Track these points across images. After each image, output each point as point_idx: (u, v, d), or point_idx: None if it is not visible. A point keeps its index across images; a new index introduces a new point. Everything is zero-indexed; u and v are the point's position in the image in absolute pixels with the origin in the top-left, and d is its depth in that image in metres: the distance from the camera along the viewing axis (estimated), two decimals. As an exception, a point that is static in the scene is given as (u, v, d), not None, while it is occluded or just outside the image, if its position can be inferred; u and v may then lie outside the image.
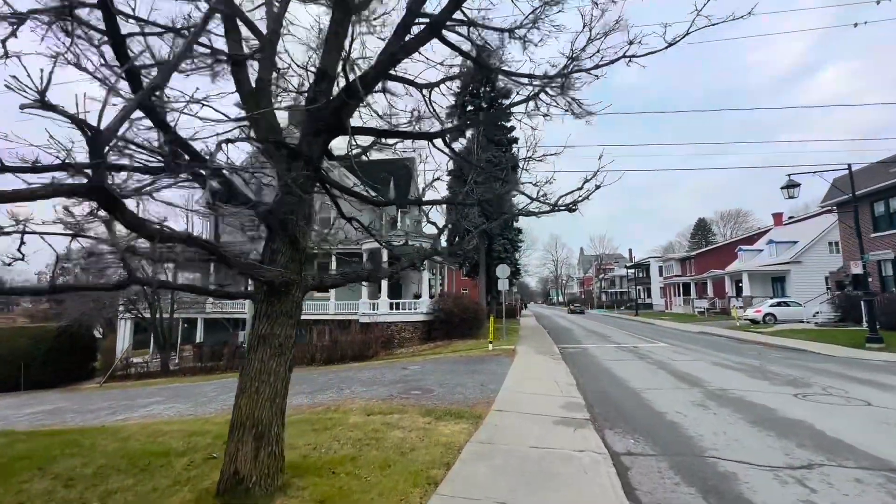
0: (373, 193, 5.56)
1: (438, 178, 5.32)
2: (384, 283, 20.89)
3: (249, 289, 4.01)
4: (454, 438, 5.36)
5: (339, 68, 4.19)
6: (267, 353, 3.55)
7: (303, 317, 15.99)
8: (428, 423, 6.10)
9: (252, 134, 4.02)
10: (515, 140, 26.16)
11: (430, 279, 30.28)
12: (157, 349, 21.61)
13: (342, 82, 4.22)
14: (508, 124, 26.12)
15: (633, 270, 63.79)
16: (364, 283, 4.53)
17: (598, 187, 5.10)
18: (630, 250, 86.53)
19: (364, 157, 5.33)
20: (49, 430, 6.81)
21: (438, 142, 5.08)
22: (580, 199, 4.84)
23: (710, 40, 30.49)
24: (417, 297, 22.58)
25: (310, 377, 12.24)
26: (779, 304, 26.58)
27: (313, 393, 9.41)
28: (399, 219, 26.19)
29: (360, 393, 8.94)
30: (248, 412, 3.44)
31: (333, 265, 16.97)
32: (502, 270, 19.23)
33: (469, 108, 25.04)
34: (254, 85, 4.22)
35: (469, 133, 10.42)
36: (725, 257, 40.94)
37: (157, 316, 20.83)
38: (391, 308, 20.54)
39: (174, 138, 2.95)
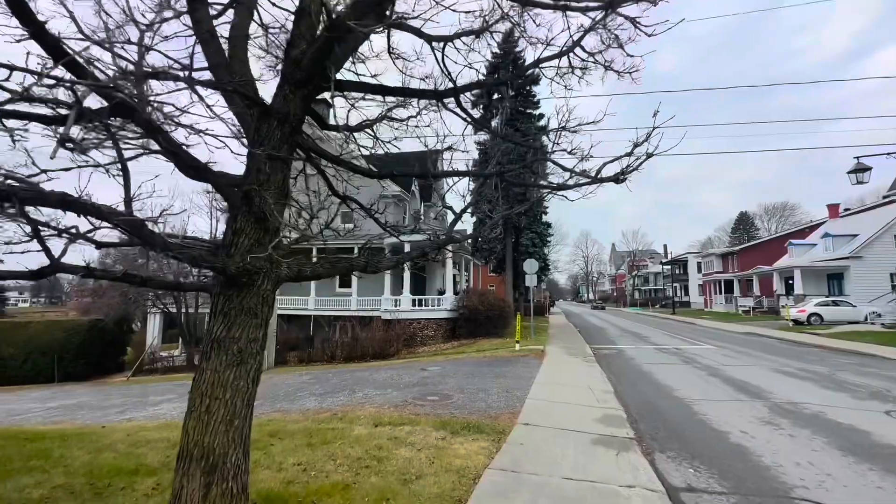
0: (373, 168, 4.72)
1: (451, 148, 4.41)
2: (406, 279, 20.17)
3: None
4: (471, 462, 4.46)
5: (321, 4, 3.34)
6: (222, 362, 2.76)
7: (324, 313, 15.22)
8: (442, 440, 5.23)
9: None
10: (542, 116, 24.72)
11: (454, 275, 29.40)
12: (183, 343, 21.74)
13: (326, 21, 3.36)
14: (535, 98, 24.78)
15: (669, 267, 60.79)
16: (356, 274, 3.76)
17: (649, 156, 4.05)
18: (665, 246, 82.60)
19: (382, 148, 4.51)
20: (33, 431, 6.37)
21: (452, 104, 4.17)
22: (629, 168, 3.81)
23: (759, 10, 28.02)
24: (441, 293, 21.77)
25: (325, 377, 11.62)
26: (826, 304, 24.17)
27: (324, 395, 8.72)
28: (423, 212, 25.44)
29: (373, 397, 8.17)
30: (197, 438, 2.66)
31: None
32: (530, 265, 18.12)
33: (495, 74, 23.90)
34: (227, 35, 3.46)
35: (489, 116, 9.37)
36: (773, 252, 38.06)
37: (182, 310, 20.90)
38: (414, 305, 19.81)
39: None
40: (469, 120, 4.23)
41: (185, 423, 2.76)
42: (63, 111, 2.36)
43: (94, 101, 2.32)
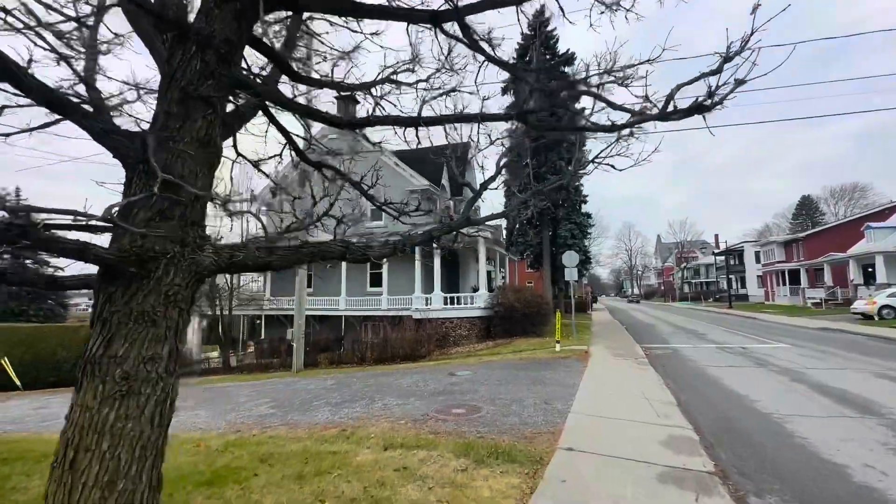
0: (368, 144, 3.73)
1: (455, 90, 3.33)
2: (437, 276, 19.21)
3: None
4: (496, 509, 3.37)
5: None
6: (98, 393, 1.84)
7: (355, 313, 14.46)
8: (461, 471, 4.16)
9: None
10: (571, 58, 22.61)
11: (489, 272, 28.17)
12: (220, 346, 21.86)
13: None
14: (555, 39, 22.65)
15: (722, 258, 56.50)
16: (323, 261, 2.94)
17: (740, 82, 2.79)
18: (716, 236, 77.34)
19: (381, 110, 3.53)
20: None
21: (455, 30, 3.08)
22: (715, 96, 2.56)
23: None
24: (475, 290, 20.67)
25: (348, 381, 10.83)
26: (901, 295, 21.00)
27: (340, 405, 7.87)
28: (453, 206, 24.41)
29: (392, 408, 7.22)
30: (58, 511, 1.76)
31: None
32: (569, 258, 16.64)
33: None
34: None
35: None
36: (846, 238, 34.09)
37: (217, 312, 20.98)
38: (446, 303, 18.81)
39: None
40: (477, 49, 3.11)
41: (48, 485, 1.85)
42: None
43: None
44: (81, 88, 2.86)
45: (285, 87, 4.19)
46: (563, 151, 21.38)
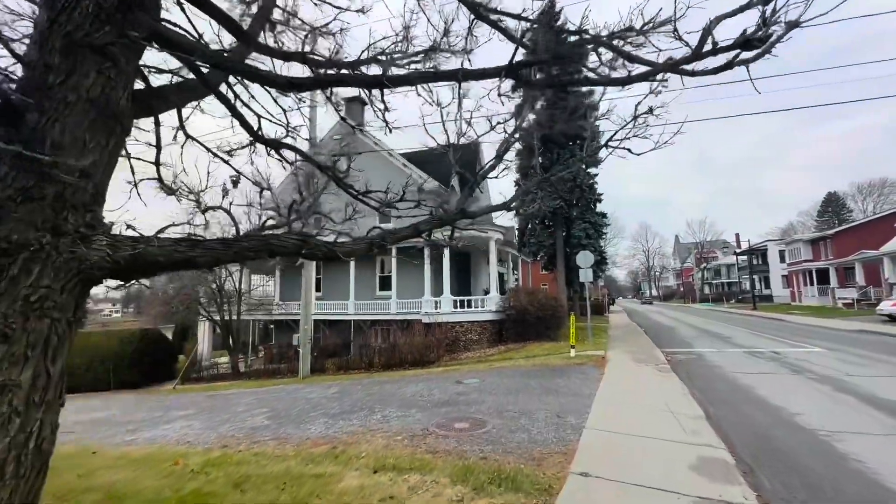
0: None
1: (468, 52, 2.79)
2: (447, 279, 18.64)
3: None
4: (493, 557, 2.78)
5: None
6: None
7: (364, 317, 13.97)
8: (457, 502, 3.58)
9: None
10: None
11: (502, 274, 27.49)
12: (229, 351, 21.67)
13: None
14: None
15: (744, 257, 54.58)
16: (272, 257, 2.50)
17: (793, 25, 2.17)
18: (737, 235, 74.90)
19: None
20: None
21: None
22: (771, 29, 1.95)
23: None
24: (487, 293, 20.04)
25: (352, 389, 10.34)
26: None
27: (337, 416, 7.36)
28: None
29: (392, 420, 6.68)
30: None
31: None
32: (584, 258, 15.90)
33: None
34: None
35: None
36: (879, 235, 32.38)
37: (226, 318, 20.80)
38: (455, 306, 18.21)
39: None
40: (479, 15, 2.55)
41: None
42: None
43: None
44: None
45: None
46: (576, 148, 20.63)
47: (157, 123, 2.85)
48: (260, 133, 2.88)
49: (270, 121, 3.54)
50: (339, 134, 20.69)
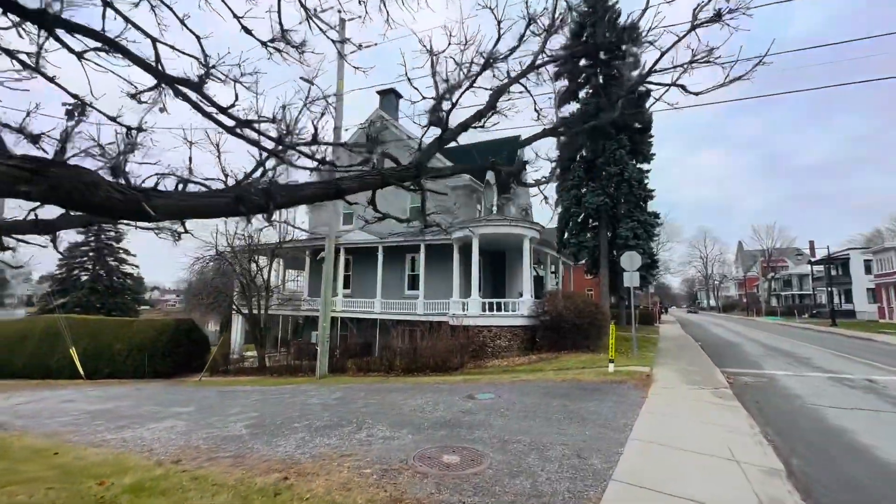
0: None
1: None
2: (474, 278, 17.30)
3: None
4: None
5: None
6: None
7: (390, 317, 12.94)
8: None
9: None
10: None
11: (540, 276, 25.69)
12: (256, 346, 21.58)
13: None
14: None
15: (821, 267, 48.76)
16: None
17: None
18: (811, 243, 67.49)
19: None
20: None
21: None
22: None
23: None
24: (521, 295, 18.49)
25: (354, 396, 9.34)
26: None
27: (318, 431, 6.33)
28: (494, 203, 22.48)
29: (375, 442, 5.54)
30: None
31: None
32: (629, 259, 14.03)
33: None
34: None
35: None
36: None
37: (254, 311, 20.70)
38: (484, 309, 16.83)
39: None
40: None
41: None
42: None
43: None
44: None
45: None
46: (624, 139, 18.57)
47: None
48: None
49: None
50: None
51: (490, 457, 4.79)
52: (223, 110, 2.88)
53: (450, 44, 3.43)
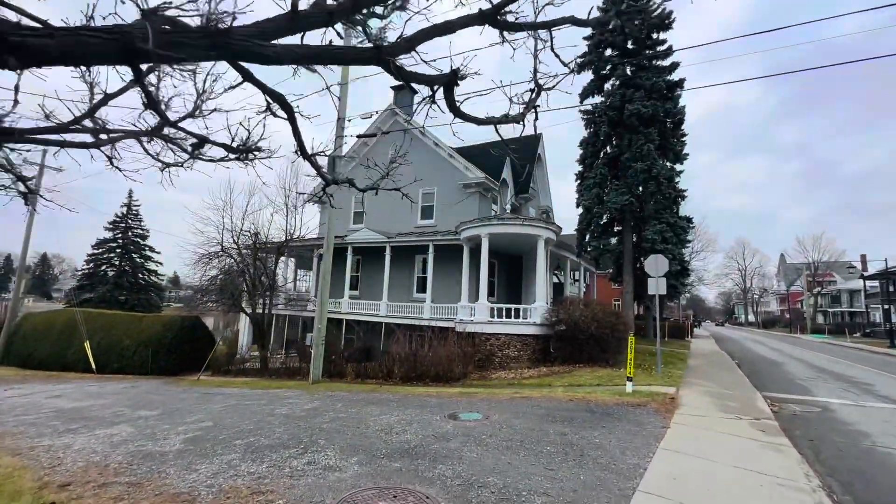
0: None
1: None
2: (482, 281, 15.99)
3: None
4: None
5: None
6: None
7: (396, 320, 11.45)
8: None
9: None
10: None
11: (559, 282, 24.06)
12: (260, 346, 20.96)
13: None
14: None
15: (875, 282, 44.59)
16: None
17: None
18: (863, 256, 61.90)
19: None
20: None
21: None
22: None
23: None
24: (534, 301, 17.04)
25: (329, 407, 8.26)
26: None
27: (256, 453, 5.24)
28: (509, 202, 21.14)
29: (306, 475, 4.39)
30: None
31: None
32: (654, 263, 12.41)
33: None
34: None
35: None
36: None
37: (257, 311, 20.08)
38: (492, 315, 15.46)
39: None
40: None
41: None
42: None
43: None
44: None
45: None
46: (653, 133, 16.87)
47: None
48: None
49: None
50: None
51: (441, 510, 3.54)
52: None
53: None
